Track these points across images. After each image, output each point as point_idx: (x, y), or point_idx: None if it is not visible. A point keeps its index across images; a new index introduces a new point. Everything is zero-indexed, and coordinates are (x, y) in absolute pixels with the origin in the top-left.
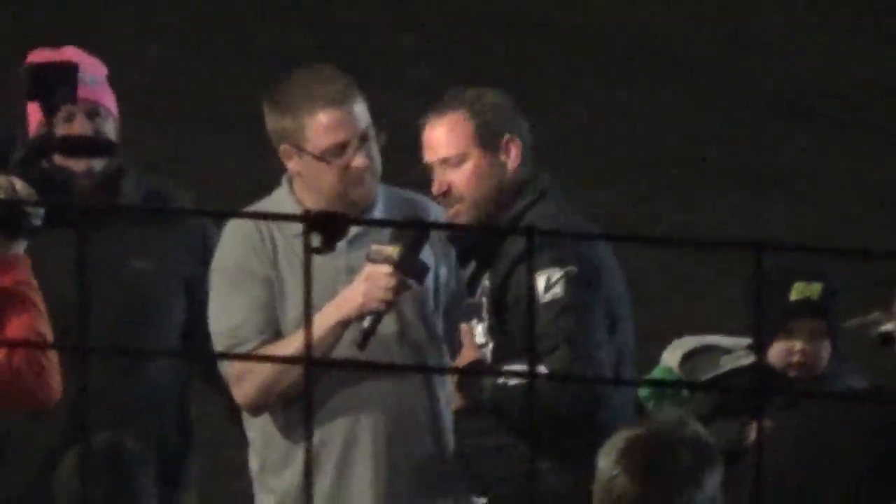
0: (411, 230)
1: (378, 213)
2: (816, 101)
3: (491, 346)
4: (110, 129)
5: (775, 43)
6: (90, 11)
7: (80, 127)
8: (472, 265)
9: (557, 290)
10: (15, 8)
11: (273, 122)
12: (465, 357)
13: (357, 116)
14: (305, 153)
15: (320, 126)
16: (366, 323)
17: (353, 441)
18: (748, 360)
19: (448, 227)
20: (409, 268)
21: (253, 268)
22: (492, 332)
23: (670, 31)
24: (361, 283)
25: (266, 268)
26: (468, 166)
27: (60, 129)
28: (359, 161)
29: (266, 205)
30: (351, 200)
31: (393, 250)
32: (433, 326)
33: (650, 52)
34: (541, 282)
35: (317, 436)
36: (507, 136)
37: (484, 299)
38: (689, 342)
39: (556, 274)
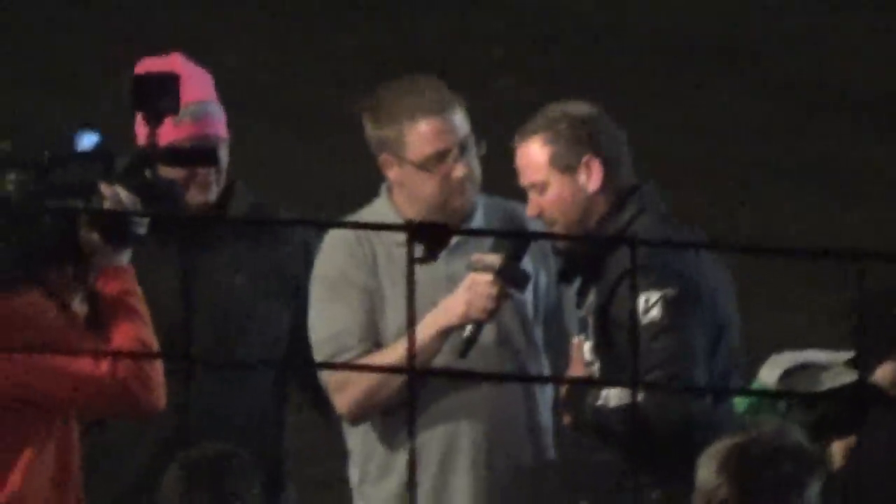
0: (512, 238)
1: (477, 222)
2: (893, 99)
3: (597, 365)
4: (224, 155)
5: (850, 40)
6: (169, 20)
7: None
8: (579, 280)
9: (655, 313)
10: (93, 20)
11: (373, 131)
12: (573, 373)
13: (457, 125)
14: (406, 162)
15: (421, 134)
16: (467, 331)
17: (452, 449)
18: (847, 377)
19: (549, 236)
20: (510, 276)
21: (353, 276)
22: (598, 351)
23: (743, 31)
24: (463, 292)
25: (366, 277)
26: (551, 193)
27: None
28: (459, 170)
29: (365, 214)
30: (451, 209)
31: (494, 259)
32: (532, 334)
33: (730, 55)
34: (639, 304)
35: (417, 444)
36: (585, 157)
37: (590, 317)
38: (786, 359)
39: (654, 296)
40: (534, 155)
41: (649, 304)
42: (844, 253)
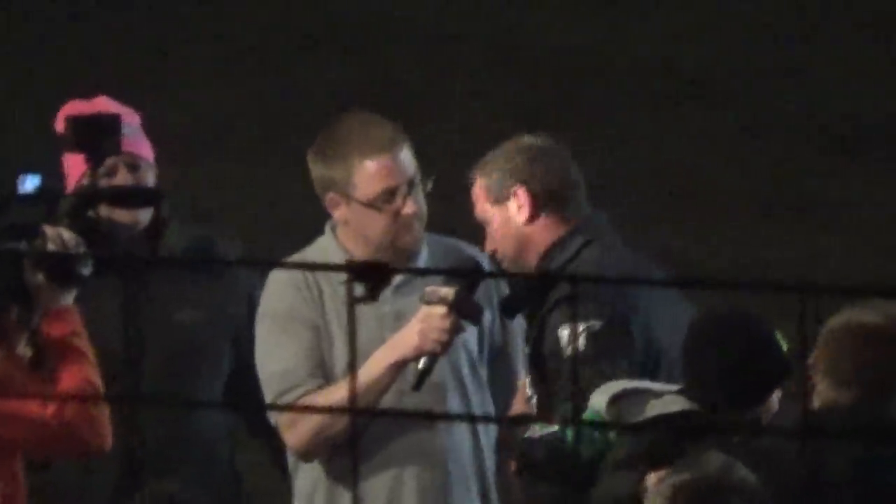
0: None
1: (423, 259)
2: (868, 132)
3: (535, 399)
4: (150, 179)
5: (825, 74)
6: (133, 55)
7: (122, 179)
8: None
9: (580, 343)
10: (58, 53)
11: (319, 171)
12: (514, 410)
13: (405, 162)
14: (354, 201)
15: (369, 173)
16: (421, 364)
17: (398, 488)
18: (676, 406)
19: (492, 275)
20: (464, 308)
21: (301, 313)
22: (533, 384)
23: (719, 65)
24: (417, 324)
25: (313, 314)
26: (493, 226)
27: (102, 183)
28: (409, 207)
29: (310, 253)
30: (399, 247)
31: (448, 291)
32: (479, 373)
33: (700, 87)
34: (564, 336)
35: (363, 482)
36: (514, 188)
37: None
38: (619, 385)
39: (581, 327)
40: (476, 191)
41: (576, 335)
42: (790, 286)
